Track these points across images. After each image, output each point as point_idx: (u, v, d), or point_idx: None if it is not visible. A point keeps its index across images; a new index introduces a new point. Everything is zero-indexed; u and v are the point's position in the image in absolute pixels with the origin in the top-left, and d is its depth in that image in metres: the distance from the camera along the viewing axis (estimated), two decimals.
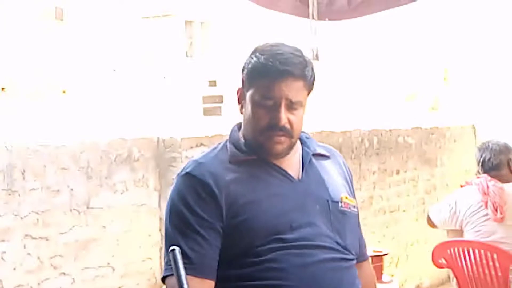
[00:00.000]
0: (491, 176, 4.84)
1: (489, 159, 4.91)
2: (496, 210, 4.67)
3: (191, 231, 2.16)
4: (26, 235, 3.77)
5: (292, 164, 2.33)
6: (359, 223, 2.47)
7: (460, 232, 4.92)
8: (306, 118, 2.37)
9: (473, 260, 4.69)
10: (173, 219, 2.20)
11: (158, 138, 4.46)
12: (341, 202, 2.33)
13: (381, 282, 5.25)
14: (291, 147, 2.30)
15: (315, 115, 4.96)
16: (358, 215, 2.44)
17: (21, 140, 3.82)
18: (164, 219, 2.27)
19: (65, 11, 22.24)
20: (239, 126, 2.37)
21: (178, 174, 2.28)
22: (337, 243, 2.27)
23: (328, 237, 2.25)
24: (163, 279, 2.18)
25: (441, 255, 4.89)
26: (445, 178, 7.47)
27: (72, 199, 3.97)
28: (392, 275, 5.37)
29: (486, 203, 4.72)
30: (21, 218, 3.77)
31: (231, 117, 2.76)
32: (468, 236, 4.81)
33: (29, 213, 3.78)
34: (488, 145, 4.98)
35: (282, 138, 2.24)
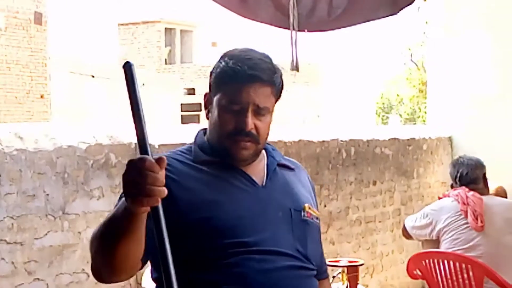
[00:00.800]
0: (469, 189, 4.90)
1: (466, 174, 4.98)
2: (477, 219, 4.73)
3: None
4: (1, 240, 3.74)
5: (256, 170, 2.32)
6: (320, 237, 2.45)
7: (436, 242, 4.96)
8: (283, 127, 2.38)
9: (447, 272, 4.72)
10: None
11: (135, 144, 4.44)
12: (303, 211, 2.32)
13: None
14: (256, 153, 2.30)
15: (294, 125, 4.96)
16: (319, 228, 2.43)
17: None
18: None
19: (44, 16, 22.15)
20: (204, 131, 2.37)
21: None
22: (298, 251, 2.26)
23: (289, 244, 2.24)
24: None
25: (416, 266, 4.92)
26: (421, 190, 7.51)
27: (48, 204, 3.95)
28: (367, 286, 5.39)
29: (466, 212, 4.77)
30: None
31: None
32: (445, 245, 4.85)
33: (4, 217, 3.75)
34: (463, 161, 5.06)
35: (248, 144, 2.24)
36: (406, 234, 5.22)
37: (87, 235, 4.15)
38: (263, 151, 2.39)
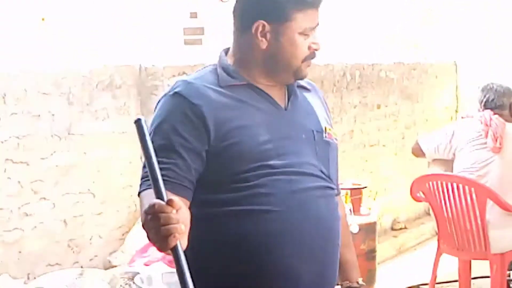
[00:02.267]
0: (494, 113, 4.90)
1: (492, 100, 4.97)
2: (496, 140, 4.74)
3: (171, 151, 2.13)
4: (7, 159, 3.76)
5: (279, 93, 2.32)
6: (337, 156, 2.49)
7: (444, 164, 4.97)
8: None
9: (451, 194, 4.74)
10: (156, 138, 2.17)
11: (140, 66, 4.43)
12: (325, 132, 2.34)
13: (360, 214, 5.31)
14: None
15: None
16: (337, 148, 2.46)
17: (1, 65, 3.79)
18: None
19: None
20: (226, 51, 2.35)
21: (165, 94, 2.25)
22: (322, 171, 2.28)
23: (314, 165, 2.26)
24: (139, 195, 2.14)
25: (419, 188, 4.94)
26: (425, 114, 7.50)
27: (53, 124, 3.95)
28: (370, 208, 5.43)
29: (487, 132, 4.78)
30: (1, 142, 3.75)
31: (213, 47, 2.74)
32: (458, 163, 4.86)
33: (10, 137, 3.76)
34: (492, 86, 5.03)
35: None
36: (419, 152, 5.20)
37: (92, 155, 4.16)
38: None
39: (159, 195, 1.78)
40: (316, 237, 2.22)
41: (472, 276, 5.19)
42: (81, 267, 4.06)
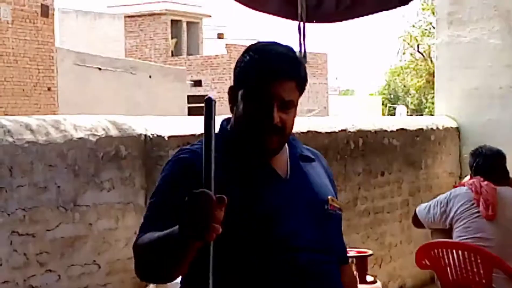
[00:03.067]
0: (484, 179, 4.92)
1: (482, 164, 5.00)
2: (488, 208, 4.75)
3: (167, 209, 2.16)
4: (13, 232, 3.77)
5: (279, 163, 2.32)
6: (341, 227, 2.47)
7: (445, 232, 4.98)
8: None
9: (456, 262, 4.73)
10: (155, 196, 2.22)
11: (145, 136, 4.47)
12: (327, 204, 2.32)
13: (365, 282, 5.29)
14: (282, 146, 2.31)
15: (301, 116, 4.98)
16: (341, 219, 2.43)
17: (8, 137, 3.83)
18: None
19: (51, 9, 22.16)
20: (227, 121, 2.37)
21: (170, 159, 2.28)
22: (322, 244, 2.27)
23: (313, 238, 2.24)
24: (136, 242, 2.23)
25: (424, 256, 4.94)
26: (429, 180, 7.51)
27: (59, 196, 3.98)
28: (375, 276, 5.41)
29: (478, 201, 4.79)
30: (8, 214, 3.77)
31: (217, 117, 2.77)
32: (457, 233, 4.87)
33: (16, 209, 3.78)
34: (482, 151, 5.07)
35: (274, 137, 2.24)
36: (417, 222, 5.23)
37: (98, 226, 4.18)
38: None
39: (207, 185, 1.80)
40: None
41: None
42: None
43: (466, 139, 7.85)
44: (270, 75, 2.21)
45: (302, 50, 4.52)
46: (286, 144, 2.39)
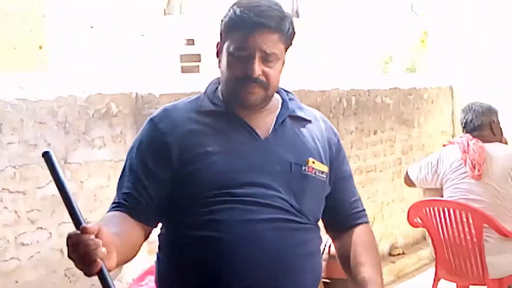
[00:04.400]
0: (473, 136, 4.87)
1: (471, 120, 4.94)
2: (474, 168, 4.72)
3: (133, 177, 2.24)
4: (3, 189, 3.76)
5: (263, 122, 2.31)
6: (323, 191, 2.39)
7: (437, 191, 4.97)
8: (284, 76, 2.36)
9: (448, 220, 4.74)
10: (126, 160, 2.30)
11: (136, 94, 4.44)
12: (305, 165, 2.29)
13: None
14: (265, 99, 2.29)
15: (293, 74, 4.95)
16: (325, 182, 2.37)
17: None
18: None
19: None
20: (219, 80, 2.37)
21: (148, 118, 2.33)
22: (291, 205, 2.24)
23: (281, 198, 2.23)
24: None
25: (416, 214, 4.94)
26: (422, 139, 7.52)
27: None
28: None
29: (465, 160, 4.76)
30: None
31: (209, 75, 2.76)
32: (447, 193, 4.86)
33: (6, 167, 3.76)
34: (472, 107, 5.01)
35: (256, 89, 2.23)
36: (409, 182, 5.22)
37: (89, 184, 4.16)
38: (279, 102, 2.39)
39: (77, 225, 1.82)
40: (265, 271, 2.17)
41: None
42: None
43: (458, 98, 7.84)
44: (250, 26, 2.21)
45: (295, 6, 4.48)
46: (280, 104, 2.38)
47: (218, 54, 2.32)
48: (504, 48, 7.57)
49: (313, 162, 2.31)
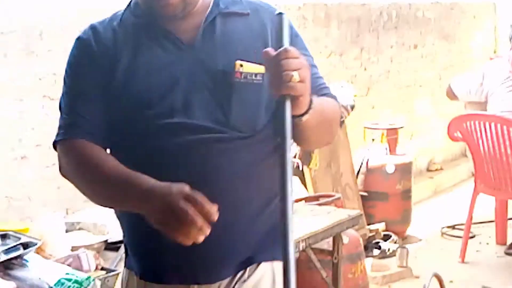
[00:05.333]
0: None
1: None
2: None
3: (73, 100, 2.03)
4: (44, 96, 3.78)
5: (189, 27, 2.04)
6: (260, 96, 2.02)
7: (479, 105, 4.93)
8: None
9: (488, 134, 4.70)
10: (65, 86, 2.08)
11: None
12: (234, 70, 2.00)
13: (396, 154, 5.30)
14: (186, 4, 2.00)
15: None
16: (260, 85, 2.02)
17: (40, 2, 3.78)
18: None
19: None
20: None
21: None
22: (217, 121, 1.99)
23: (205, 115, 1.99)
24: (54, 145, 2.07)
25: (457, 128, 4.91)
26: (463, 55, 7.41)
27: None
28: (406, 148, 5.42)
29: None
30: (39, 79, 3.77)
31: None
32: (491, 106, 4.82)
33: (47, 74, 3.77)
34: None
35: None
36: (452, 95, 5.16)
37: None
38: (211, 0, 2.08)
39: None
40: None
41: (509, 216, 5.19)
42: None
43: (501, 14, 7.70)
44: None
45: None
46: (212, 3, 2.08)
47: None
48: None
49: (241, 66, 2.00)
